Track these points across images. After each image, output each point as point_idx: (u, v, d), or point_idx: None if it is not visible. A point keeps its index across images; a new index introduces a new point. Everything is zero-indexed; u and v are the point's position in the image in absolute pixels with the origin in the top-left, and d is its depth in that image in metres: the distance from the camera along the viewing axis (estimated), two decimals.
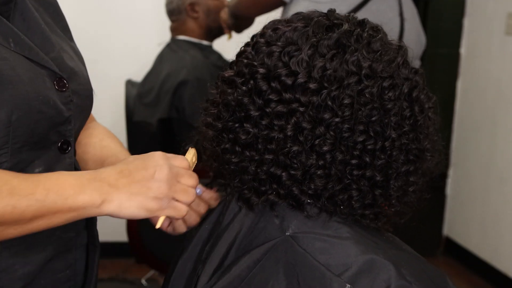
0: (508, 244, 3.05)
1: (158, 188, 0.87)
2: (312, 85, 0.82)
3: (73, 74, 0.96)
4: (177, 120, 2.42)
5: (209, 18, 2.56)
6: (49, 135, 0.90)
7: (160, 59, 2.58)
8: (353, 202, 0.87)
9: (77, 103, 0.95)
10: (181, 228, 1.03)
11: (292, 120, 0.83)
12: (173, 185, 0.89)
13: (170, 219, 0.93)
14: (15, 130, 0.84)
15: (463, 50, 3.37)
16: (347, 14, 0.90)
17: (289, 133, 0.83)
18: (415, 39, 2.15)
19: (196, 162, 0.97)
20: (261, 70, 0.85)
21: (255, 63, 0.86)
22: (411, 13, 2.20)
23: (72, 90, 0.94)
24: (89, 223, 1.03)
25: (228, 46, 2.16)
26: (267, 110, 0.84)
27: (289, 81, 0.83)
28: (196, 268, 0.95)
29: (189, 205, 0.91)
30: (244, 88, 0.87)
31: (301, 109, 0.83)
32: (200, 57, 2.50)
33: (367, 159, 0.84)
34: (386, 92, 0.84)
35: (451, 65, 3.38)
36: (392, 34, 0.93)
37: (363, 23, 0.89)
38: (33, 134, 0.87)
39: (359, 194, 0.86)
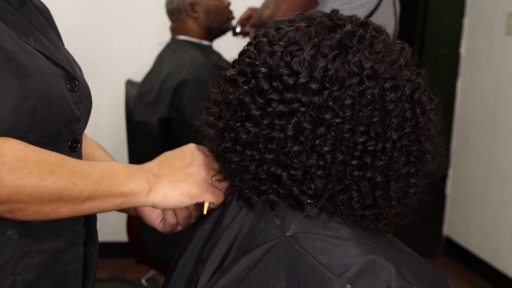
0: (508, 244, 3.05)
1: (197, 174, 0.95)
2: (313, 85, 0.82)
3: (79, 77, 0.98)
4: (177, 120, 2.42)
5: (209, 18, 2.55)
6: (63, 132, 0.93)
7: (160, 59, 2.58)
8: (353, 203, 0.86)
9: (84, 104, 0.97)
10: (173, 226, 1.05)
11: (293, 120, 0.83)
12: (210, 170, 0.95)
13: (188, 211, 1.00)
14: (38, 120, 0.87)
15: (463, 50, 3.37)
16: (350, 15, 0.90)
17: (290, 133, 0.83)
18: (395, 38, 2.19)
19: None
20: (263, 70, 0.85)
21: (257, 62, 0.86)
22: (399, 12, 2.23)
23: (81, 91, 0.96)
24: (88, 221, 1.04)
25: (228, 46, 2.16)
26: (268, 109, 0.84)
27: (290, 81, 0.83)
28: (197, 267, 0.95)
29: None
30: (245, 87, 0.86)
31: (302, 109, 0.82)
32: (200, 57, 2.50)
33: (368, 160, 0.84)
34: (388, 93, 0.84)
35: (451, 65, 3.39)
36: (392, 35, 0.93)
37: (366, 24, 0.89)
38: (51, 128, 0.90)
39: (359, 195, 0.86)
